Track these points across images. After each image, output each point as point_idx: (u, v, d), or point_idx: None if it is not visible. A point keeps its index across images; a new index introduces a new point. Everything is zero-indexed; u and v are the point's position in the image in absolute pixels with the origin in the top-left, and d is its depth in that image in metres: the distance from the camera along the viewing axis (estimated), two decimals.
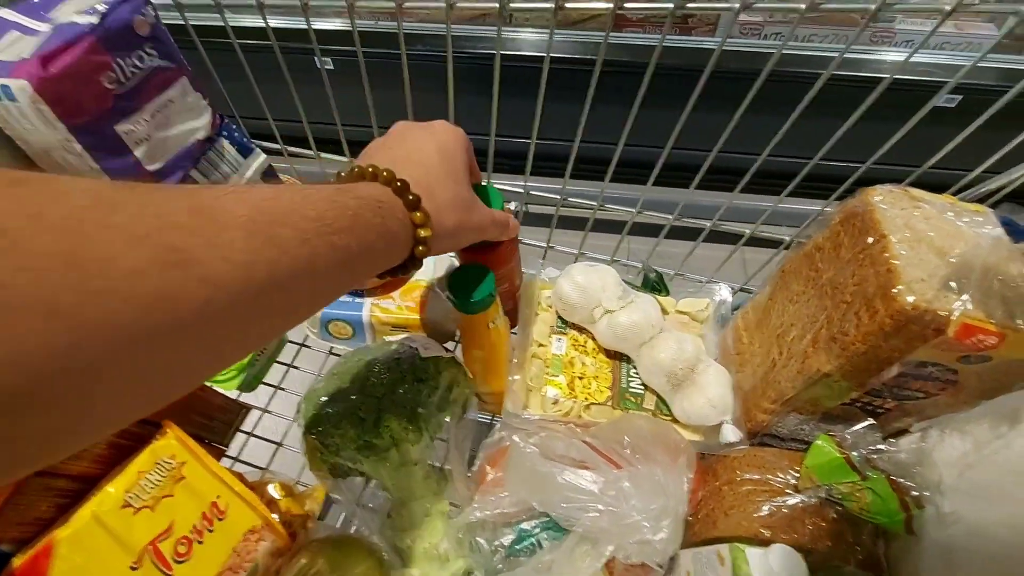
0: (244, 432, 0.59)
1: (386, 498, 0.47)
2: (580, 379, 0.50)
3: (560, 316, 0.54)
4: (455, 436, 0.47)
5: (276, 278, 0.23)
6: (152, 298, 0.19)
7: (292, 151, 0.62)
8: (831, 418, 0.43)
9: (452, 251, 0.36)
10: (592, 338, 0.53)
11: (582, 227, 0.63)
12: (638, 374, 0.51)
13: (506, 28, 1.29)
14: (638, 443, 0.41)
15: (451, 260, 0.61)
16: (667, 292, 0.58)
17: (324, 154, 0.62)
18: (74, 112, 0.36)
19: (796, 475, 0.41)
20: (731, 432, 0.46)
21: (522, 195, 0.60)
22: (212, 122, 0.45)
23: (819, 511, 0.39)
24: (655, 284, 0.58)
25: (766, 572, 0.35)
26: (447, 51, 0.45)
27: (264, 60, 0.49)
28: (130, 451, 0.41)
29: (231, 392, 0.60)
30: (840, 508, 0.38)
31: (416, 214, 0.32)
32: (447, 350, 0.51)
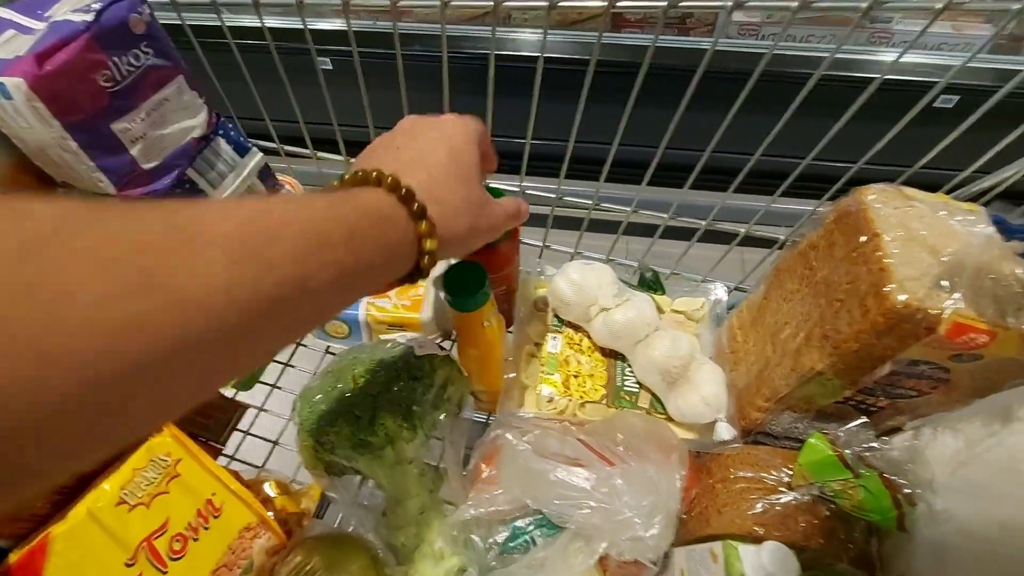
0: (241, 431, 0.59)
1: (381, 496, 0.47)
2: (575, 377, 0.51)
3: (556, 314, 0.54)
4: (450, 434, 0.47)
5: (261, 300, 0.21)
6: (122, 327, 0.17)
7: (289, 151, 0.62)
8: (825, 416, 0.43)
9: (462, 256, 0.35)
10: (587, 336, 0.53)
11: (578, 227, 0.63)
12: (633, 372, 0.51)
13: (505, 28, 1.29)
14: (631, 441, 0.41)
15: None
16: (663, 291, 0.58)
17: (321, 153, 0.62)
18: (69, 110, 0.36)
19: (789, 473, 0.41)
20: (725, 430, 0.46)
21: (518, 195, 0.60)
22: (208, 121, 0.46)
23: (812, 509, 0.39)
24: (651, 283, 0.58)
25: (758, 569, 0.35)
26: (442, 51, 0.46)
27: (261, 59, 0.49)
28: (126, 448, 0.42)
29: (228, 391, 0.60)
30: (833, 506, 0.38)
31: (421, 225, 0.30)
32: (442, 348, 0.51)
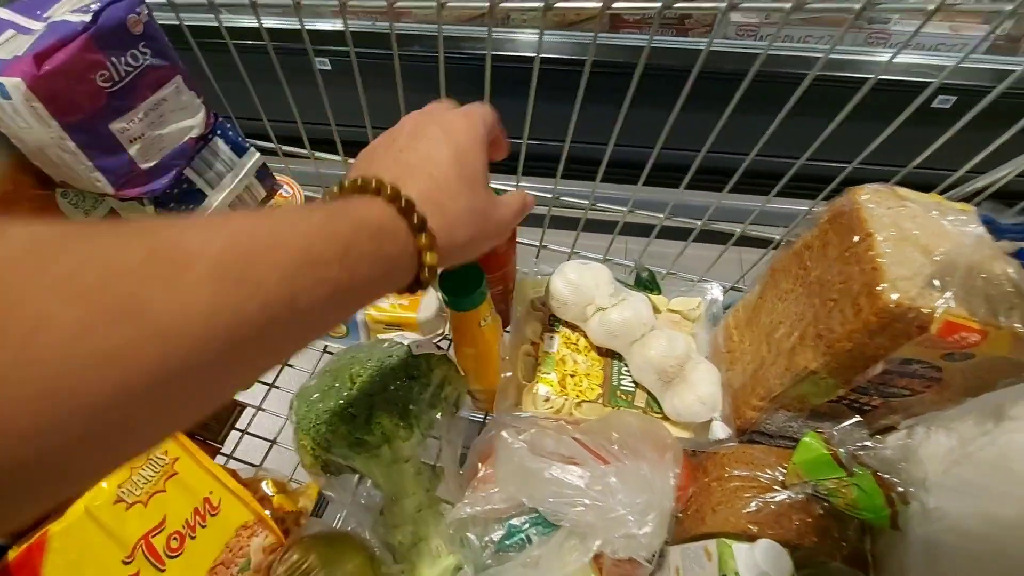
0: (238, 430, 0.59)
1: (379, 495, 0.47)
2: (571, 377, 0.51)
3: (552, 314, 0.54)
4: (447, 433, 0.47)
5: (248, 324, 0.20)
6: (97, 360, 0.16)
7: (287, 151, 0.62)
8: (819, 415, 0.43)
9: (465, 262, 0.34)
10: (584, 336, 0.53)
11: (575, 227, 0.63)
12: (629, 372, 0.51)
13: (505, 29, 1.29)
14: (626, 439, 0.41)
15: None
16: (659, 291, 0.58)
17: (319, 154, 0.62)
18: (68, 110, 0.36)
19: (784, 471, 0.41)
20: (720, 429, 0.46)
21: None
22: (206, 121, 0.46)
23: (806, 507, 0.39)
24: (647, 283, 0.58)
25: (751, 566, 0.35)
26: (439, 51, 0.46)
27: (259, 60, 0.49)
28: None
29: None
30: (827, 504, 0.38)
31: (421, 238, 0.28)
32: (439, 348, 0.51)
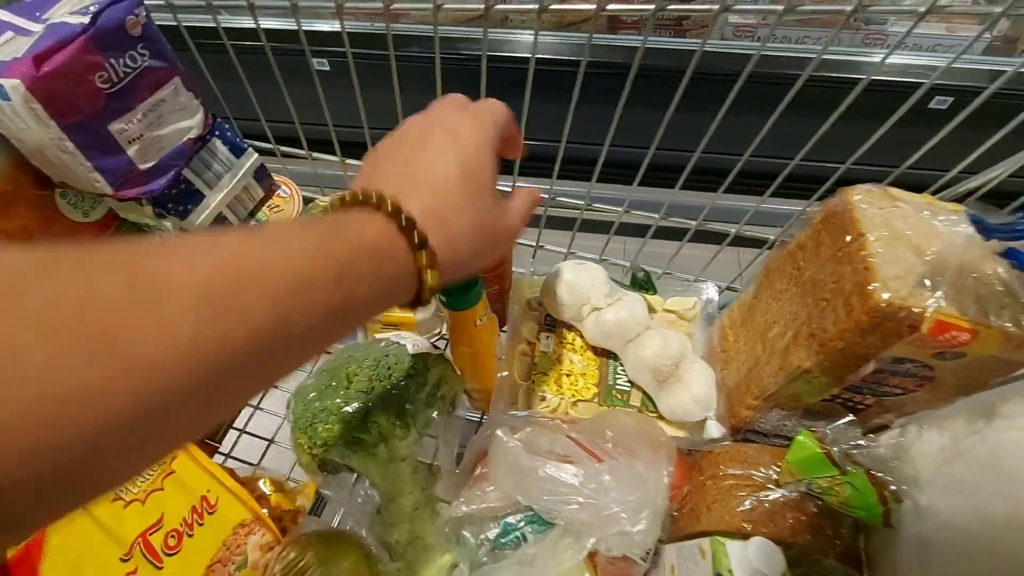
0: (236, 429, 0.60)
1: (376, 493, 0.47)
2: (567, 376, 0.51)
3: (549, 314, 0.55)
4: (443, 432, 0.47)
5: (233, 352, 0.19)
6: (73, 397, 0.16)
7: (285, 151, 0.62)
8: (812, 414, 0.43)
9: (470, 274, 0.34)
10: (580, 336, 0.53)
11: (571, 227, 0.63)
12: (625, 371, 0.51)
13: (503, 30, 1.30)
14: (621, 438, 0.41)
15: None
16: (655, 291, 0.58)
17: (316, 154, 0.62)
18: (67, 111, 0.36)
19: (778, 470, 0.41)
20: (715, 428, 0.46)
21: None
22: (204, 121, 0.46)
23: (800, 505, 0.39)
24: (643, 283, 0.59)
25: (745, 564, 0.35)
26: (435, 52, 0.46)
27: (257, 61, 0.49)
28: None
29: None
30: (820, 502, 0.39)
31: (421, 257, 0.27)
32: (436, 347, 0.52)
